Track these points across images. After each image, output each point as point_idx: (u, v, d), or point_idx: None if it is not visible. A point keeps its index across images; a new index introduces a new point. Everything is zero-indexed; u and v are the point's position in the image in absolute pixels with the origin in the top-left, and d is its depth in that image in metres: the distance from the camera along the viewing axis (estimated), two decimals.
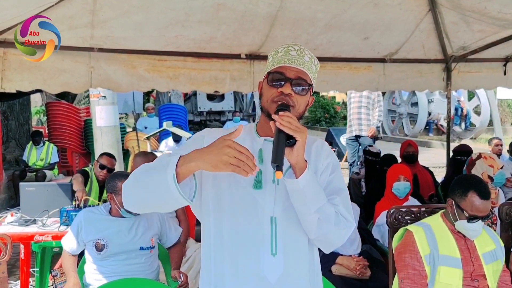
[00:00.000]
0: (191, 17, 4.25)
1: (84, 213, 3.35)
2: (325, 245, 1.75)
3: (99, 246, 3.19)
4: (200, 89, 5.31)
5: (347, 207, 1.72)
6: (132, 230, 3.27)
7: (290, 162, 1.60)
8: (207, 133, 1.80)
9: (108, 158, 4.95)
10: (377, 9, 4.41)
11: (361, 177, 6.03)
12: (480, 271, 2.53)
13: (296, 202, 1.64)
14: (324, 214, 1.64)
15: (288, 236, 1.70)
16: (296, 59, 1.70)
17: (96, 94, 7.64)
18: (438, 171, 8.37)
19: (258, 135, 1.80)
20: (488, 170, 3.80)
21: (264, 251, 1.67)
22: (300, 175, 1.59)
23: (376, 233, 4.12)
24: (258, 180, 1.69)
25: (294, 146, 1.57)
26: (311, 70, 1.73)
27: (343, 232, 1.70)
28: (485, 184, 2.61)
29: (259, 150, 1.75)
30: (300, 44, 1.75)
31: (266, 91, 1.73)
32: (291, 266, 1.69)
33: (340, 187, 1.77)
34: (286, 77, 1.68)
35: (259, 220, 1.67)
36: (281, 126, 1.55)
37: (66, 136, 10.48)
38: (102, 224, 3.26)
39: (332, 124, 21.24)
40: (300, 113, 1.72)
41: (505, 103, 20.88)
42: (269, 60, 1.77)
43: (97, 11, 3.96)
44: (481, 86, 6.50)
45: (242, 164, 1.44)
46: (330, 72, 5.48)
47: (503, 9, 4.12)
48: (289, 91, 1.67)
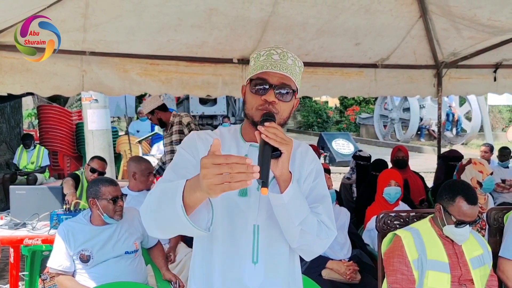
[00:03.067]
0: (183, 21, 4.27)
1: (66, 226, 3.24)
2: (306, 253, 1.75)
3: (84, 257, 3.12)
4: (192, 93, 5.31)
5: (329, 215, 1.71)
6: (115, 236, 3.23)
7: (274, 173, 1.57)
8: (196, 136, 1.76)
9: (99, 161, 4.95)
10: (368, 15, 4.44)
11: (352, 182, 6.05)
12: (468, 276, 2.55)
13: (280, 215, 1.62)
14: (307, 226, 1.62)
15: (270, 245, 1.69)
16: (279, 63, 1.65)
17: (88, 98, 7.64)
18: (429, 176, 8.41)
19: (243, 140, 1.77)
20: (477, 175, 3.83)
21: (246, 259, 1.67)
22: (285, 188, 1.57)
23: (367, 237, 4.13)
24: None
25: (280, 158, 1.54)
26: (295, 73, 1.68)
27: (324, 242, 1.69)
28: (473, 190, 2.64)
29: (245, 156, 1.72)
30: (283, 47, 1.71)
31: (249, 98, 1.69)
32: (271, 274, 1.69)
33: (324, 194, 1.77)
34: (269, 83, 1.63)
35: (242, 228, 1.67)
36: (267, 138, 1.50)
37: (58, 139, 10.43)
38: (85, 235, 3.18)
39: (324, 129, 21.32)
40: (284, 119, 1.68)
41: (496, 109, 21.04)
42: (251, 64, 1.73)
43: (89, 15, 3.96)
44: (472, 92, 6.55)
45: (229, 177, 1.22)
46: (321, 77, 5.51)
47: (492, 16, 4.16)
48: (273, 98, 1.62)
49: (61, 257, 3.14)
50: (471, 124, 17.35)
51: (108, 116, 8.22)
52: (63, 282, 3.14)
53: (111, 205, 3.21)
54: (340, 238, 3.65)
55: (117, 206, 3.23)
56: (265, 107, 1.63)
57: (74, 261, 3.15)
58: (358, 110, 22.51)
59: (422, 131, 18.64)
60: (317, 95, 6.44)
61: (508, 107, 21.01)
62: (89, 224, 3.25)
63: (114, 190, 3.25)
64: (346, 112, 23.06)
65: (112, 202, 3.20)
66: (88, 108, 7.86)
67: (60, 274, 3.15)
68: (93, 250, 3.14)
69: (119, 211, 3.25)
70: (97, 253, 3.14)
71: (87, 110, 7.88)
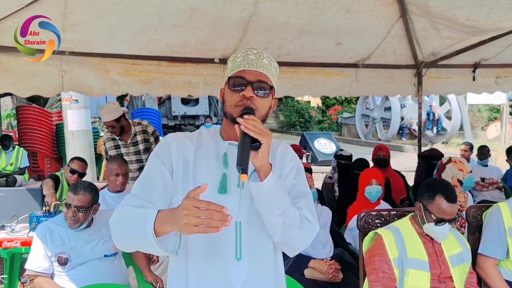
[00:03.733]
0: (164, 21, 4.24)
1: (44, 227, 3.20)
2: (289, 248, 1.77)
3: (62, 260, 3.08)
4: (174, 93, 5.29)
5: (311, 210, 1.74)
6: (94, 239, 3.19)
7: (254, 165, 1.60)
8: (172, 139, 1.78)
9: (79, 162, 4.88)
10: (349, 15, 4.46)
11: (334, 181, 6.08)
12: (447, 274, 2.58)
13: (261, 205, 1.65)
14: (288, 218, 1.65)
15: (253, 241, 1.70)
16: (255, 62, 1.70)
17: (67, 98, 7.56)
18: (411, 175, 8.48)
19: (222, 139, 1.79)
20: (458, 174, 3.87)
21: (229, 256, 1.67)
22: (265, 178, 1.60)
23: (348, 236, 4.16)
24: (223, 184, 1.69)
25: (259, 149, 1.58)
26: (271, 72, 1.73)
27: (307, 236, 1.71)
28: (452, 188, 2.67)
29: (224, 154, 1.74)
30: (259, 48, 1.76)
31: (228, 96, 1.72)
32: (255, 270, 1.70)
33: (305, 191, 1.79)
34: (247, 80, 1.68)
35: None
36: (246, 129, 1.55)
37: (37, 141, 10.32)
38: (62, 238, 3.13)
39: (306, 128, 21.38)
40: (262, 115, 1.71)
41: (475, 108, 21.32)
42: (228, 66, 1.77)
43: (69, 14, 3.91)
44: (451, 92, 6.64)
45: (206, 222, 1.34)
46: (303, 77, 5.53)
47: (470, 17, 4.22)
48: (251, 94, 1.66)
49: (40, 258, 3.09)
50: (451, 123, 17.56)
51: (88, 116, 8.15)
52: (42, 285, 3.10)
53: (69, 213, 3.14)
54: (322, 237, 3.66)
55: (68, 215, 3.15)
56: (243, 103, 1.67)
57: (53, 263, 3.10)
58: (340, 109, 22.63)
59: (404, 130, 18.82)
60: (299, 95, 6.46)
61: (487, 106, 21.31)
62: (67, 226, 3.20)
63: (73, 199, 3.15)
64: (328, 112, 23.17)
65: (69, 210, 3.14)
66: (68, 109, 7.78)
67: (39, 276, 3.11)
68: (71, 253, 3.10)
69: (69, 221, 3.15)
70: (75, 256, 3.10)
71: (67, 110, 7.80)
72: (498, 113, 19.39)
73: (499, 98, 14.32)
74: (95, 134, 10.36)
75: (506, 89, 6.48)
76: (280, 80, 1.68)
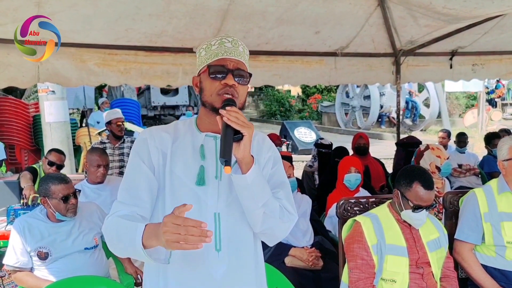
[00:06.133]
0: (141, 10, 4.20)
1: (22, 221, 3.15)
2: (269, 238, 1.79)
3: (42, 254, 3.05)
4: (152, 83, 5.26)
5: (289, 200, 1.76)
6: (74, 232, 3.17)
7: (236, 157, 1.61)
8: (148, 135, 1.77)
9: (57, 154, 4.82)
10: (327, 3, 4.47)
11: (314, 170, 6.12)
12: (425, 259, 2.62)
13: (243, 197, 1.65)
14: (269, 208, 1.66)
15: (232, 232, 1.71)
16: (233, 50, 1.72)
17: (44, 89, 7.44)
18: (390, 162, 8.54)
19: (198, 131, 1.79)
20: (436, 160, 3.92)
21: (209, 248, 1.66)
22: (247, 170, 1.61)
23: (328, 224, 4.19)
24: (201, 176, 1.69)
25: (241, 141, 1.59)
26: (246, 60, 1.77)
27: (287, 225, 1.74)
28: (429, 175, 2.70)
29: (201, 146, 1.74)
30: (232, 35, 1.78)
31: (208, 85, 1.72)
32: (235, 261, 1.71)
33: (282, 180, 1.81)
34: (227, 68, 1.69)
35: (203, 217, 1.64)
36: (229, 121, 1.56)
37: (14, 133, 10.14)
38: (41, 232, 3.10)
39: (287, 117, 21.38)
40: (242, 103, 1.73)
41: (453, 95, 21.54)
42: (201, 54, 1.77)
43: (43, 4, 3.84)
44: (429, 79, 6.71)
45: (183, 238, 1.34)
46: (282, 66, 5.53)
47: (447, 5, 4.25)
48: (233, 82, 1.68)
49: (18, 253, 3.05)
50: (429, 111, 17.71)
51: (66, 108, 8.03)
52: (22, 278, 3.08)
53: (62, 204, 3.11)
54: (302, 225, 3.68)
55: (69, 205, 3.14)
56: (226, 90, 1.68)
57: (32, 257, 3.07)
58: (320, 98, 22.66)
59: (383, 118, 18.93)
60: (278, 84, 6.48)
61: (465, 93, 21.55)
62: (46, 220, 3.17)
63: (65, 188, 3.13)
64: (308, 101, 23.19)
65: (63, 201, 3.11)
66: (45, 100, 7.66)
67: (18, 271, 3.08)
68: (51, 247, 3.07)
69: (71, 209, 3.16)
70: (56, 250, 3.07)
71: (44, 102, 7.68)
72: (475, 100, 19.60)
73: (476, 85, 14.47)
74: (74, 125, 10.23)
75: (483, 76, 6.58)
76: (259, 69, 1.69)
